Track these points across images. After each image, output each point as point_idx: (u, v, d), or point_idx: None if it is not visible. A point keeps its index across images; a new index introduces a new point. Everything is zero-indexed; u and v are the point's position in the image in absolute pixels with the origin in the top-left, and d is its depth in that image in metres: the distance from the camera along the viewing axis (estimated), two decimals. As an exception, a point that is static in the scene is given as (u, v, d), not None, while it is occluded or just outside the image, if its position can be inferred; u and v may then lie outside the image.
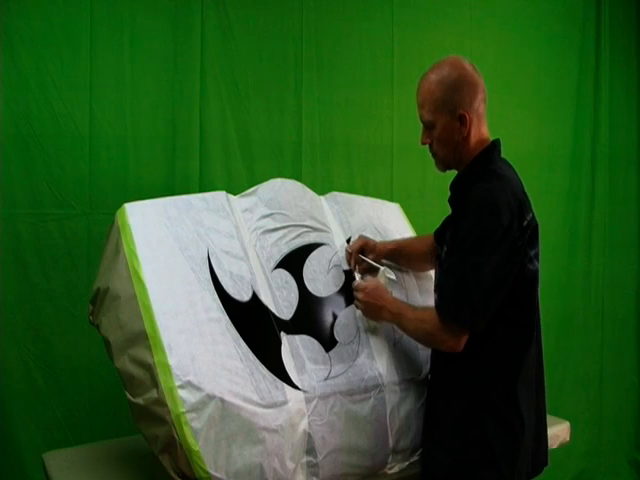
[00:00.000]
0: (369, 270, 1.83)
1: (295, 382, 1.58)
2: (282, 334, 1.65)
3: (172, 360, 1.44)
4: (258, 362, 1.55)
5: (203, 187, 2.38)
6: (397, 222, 2.14)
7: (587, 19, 3.25)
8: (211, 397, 1.43)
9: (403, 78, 2.77)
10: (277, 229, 1.82)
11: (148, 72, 2.33)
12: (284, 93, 2.57)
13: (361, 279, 1.80)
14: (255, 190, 1.89)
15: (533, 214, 1.57)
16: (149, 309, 1.51)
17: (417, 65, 2.75)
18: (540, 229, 1.59)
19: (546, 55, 3.14)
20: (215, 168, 2.45)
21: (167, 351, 1.45)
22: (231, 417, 1.44)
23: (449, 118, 1.57)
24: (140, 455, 1.80)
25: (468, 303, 1.48)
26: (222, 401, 1.44)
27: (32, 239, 2.20)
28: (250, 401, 1.48)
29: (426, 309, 1.63)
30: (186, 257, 1.63)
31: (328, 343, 1.70)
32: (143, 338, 1.48)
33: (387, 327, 1.79)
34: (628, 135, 3.40)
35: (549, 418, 1.75)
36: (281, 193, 1.89)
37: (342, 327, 1.74)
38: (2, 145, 2.15)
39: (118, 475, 1.71)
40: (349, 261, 1.86)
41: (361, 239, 1.87)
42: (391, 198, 2.65)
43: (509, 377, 1.55)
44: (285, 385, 1.56)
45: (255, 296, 1.67)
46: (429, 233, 1.85)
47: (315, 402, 1.57)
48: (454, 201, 1.67)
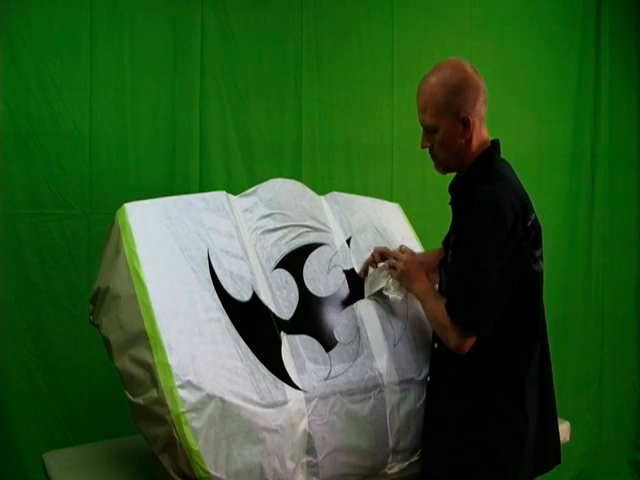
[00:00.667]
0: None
1: (295, 382, 1.58)
2: (282, 334, 1.65)
3: (172, 360, 1.44)
4: (258, 362, 1.55)
5: (203, 187, 2.38)
6: (397, 222, 2.14)
7: (587, 19, 3.25)
8: (211, 397, 1.43)
9: (403, 78, 2.77)
10: (277, 229, 1.82)
11: (148, 72, 2.33)
12: (284, 93, 2.57)
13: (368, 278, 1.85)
14: (255, 190, 1.89)
15: (536, 214, 1.57)
16: (149, 309, 1.51)
17: (417, 65, 2.76)
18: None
19: (546, 55, 3.15)
20: (215, 168, 2.45)
21: (167, 351, 1.45)
22: (231, 417, 1.44)
23: (452, 122, 1.56)
24: (140, 455, 1.80)
25: (477, 308, 1.48)
26: (222, 401, 1.44)
27: (32, 239, 2.20)
28: (250, 401, 1.48)
29: (442, 304, 1.58)
30: (186, 257, 1.63)
31: (328, 343, 1.70)
32: (143, 338, 1.48)
33: (387, 327, 1.79)
34: (628, 135, 3.40)
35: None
36: (281, 193, 1.89)
37: (342, 327, 1.74)
38: (2, 145, 2.15)
39: (118, 475, 1.71)
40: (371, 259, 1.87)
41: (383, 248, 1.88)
42: (391, 198, 2.65)
43: (514, 377, 1.54)
44: (285, 385, 1.56)
45: (255, 296, 1.67)
46: (440, 246, 1.84)
47: (315, 402, 1.57)
48: (455, 203, 1.67)
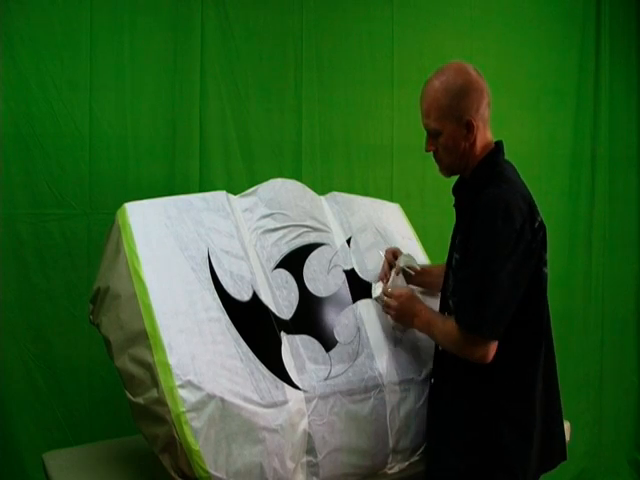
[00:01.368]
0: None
1: (295, 382, 1.58)
2: (282, 334, 1.65)
3: (172, 359, 1.44)
4: (258, 362, 1.55)
5: (203, 187, 2.38)
6: (397, 222, 2.14)
7: (587, 19, 3.24)
8: (211, 397, 1.43)
9: (403, 78, 2.77)
10: (277, 229, 1.82)
11: (148, 72, 2.34)
12: (284, 93, 2.57)
13: (388, 283, 1.79)
14: (255, 190, 1.89)
15: (541, 216, 1.55)
16: (149, 308, 1.51)
17: (417, 65, 2.76)
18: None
19: (546, 55, 3.14)
20: (215, 168, 2.45)
21: (167, 350, 1.45)
22: (231, 417, 1.44)
23: (455, 125, 1.55)
24: (140, 455, 1.79)
25: (489, 314, 1.45)
26: (222, 401, 1.44)
27: (32, 239, 2.20)
28: (250, 401, 1.48)
29: (451, 322, 1.54)
30: (186, 257, 1.63)
31: (328, 343, 1.70)
32: (143, 337, 1.48)
33: (387, 327, 1.79)
34: (628, 135, 3.40)
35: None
36: (281, 193, 1.89)
37: (342, 327, 1.74)
38: (2, 145, 2.15)
39: (118, 475, 1.71)
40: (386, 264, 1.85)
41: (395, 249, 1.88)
42: (391, 198, 2.65)
43: (520, 378, 1.53)
44: (285, 385, 1.56)
45: (255, 296, 1.67)
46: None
47: (315, 402, 1.57)
48: (460, 206, 1.65)
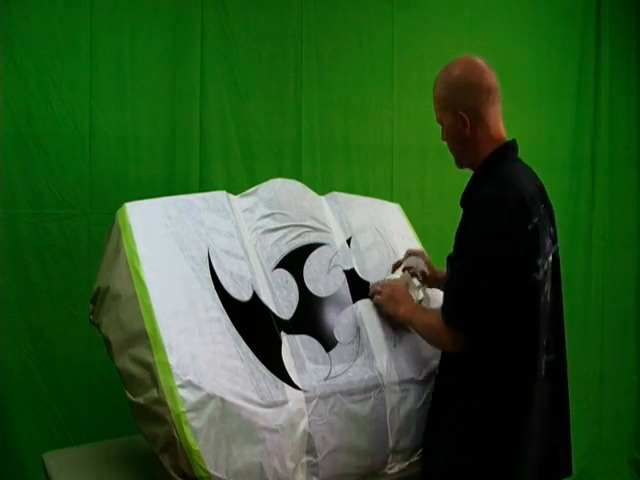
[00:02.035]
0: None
1: (295, 382, 1.58)
2: (282, 334, 1.65)
3: (172, 359, 1.44)
4: (258, 362, 1.55)
5: (203, 187, 2.38)
6: (397, 222, 2.14)
7: (587, 19, 3.24)
8: (211, 396, 1.43)
9: (403, 78, 2.77)
10: (277, 229, 1.82)
11: (148, 72, 2.34)
12: (284, 93, 2.57)
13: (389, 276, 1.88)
14: (255, 190, 1.89)
15: (540, 218, 1.51)
16: (149, 308, 1.51)
17: (417, 65, 2.76)
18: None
19: (546, 55, 3.14)
20: (215, 168, 2.45)
21: (167, 350, 1.45)
22: (231, 417, 1.44)
23: (452, 118, 1.58)
24: (140, 455, 1.79)
25: (464, 309, 1.50)
26: (222, 400, 1.44)
27: (32, 239, 2.20)
28: (250, 401, 1.48)
29: (433, 312, 1.64)
30: (186, 257, 1.63)
31: (328, 343, 1.70)
32: (143, 337, 1.48)
33: (387, 327, 1.79)
34: (628, 135, 3.40)
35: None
36: (281, 193, 1.89)
37: (342, 327, 1.74)
38: (2, 145, 2.15)
39: (118, 475, 1.71)
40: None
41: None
42: (391, 198, 2.65)
43: (513, 385, 1.52)
44: (285, 385, 1.56)
45: (255, 296, 1.67)
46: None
47: (315, 402, 1.57)
48: (461, 203, 1.67)
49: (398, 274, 1.86)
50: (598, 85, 3.28)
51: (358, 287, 1.85)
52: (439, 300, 1.88)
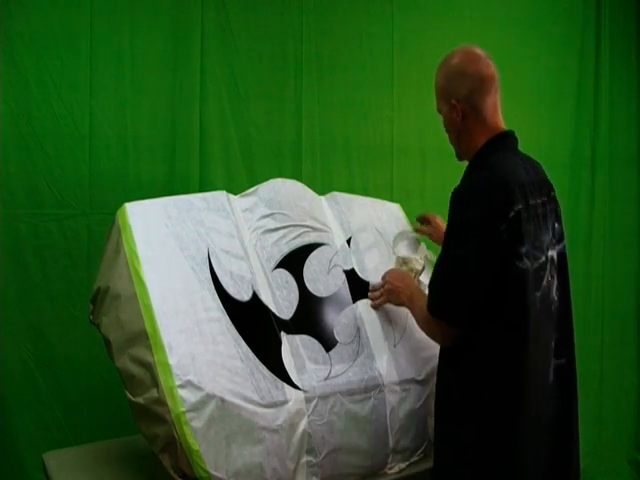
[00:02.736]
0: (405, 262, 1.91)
1: (295, 382, 1.58)
2: (282, 334, 1.65)
3: (172, 359, 1.44)
4: (258, 362, 1.56)
5: (203, 187, 2.38)
6: (397, 222, 2.14)
7: (587, 19, 3.24)
8: (211, 396, 1.43)
9: (403, 78, 2.77)
10: (277, 229, 1.82)
11: (148, 72, 2.33)
12: (284, 93, 2.57)
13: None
14: (255, 190, 1.89)
15: (524, 205, 1.46)
16: (149, 308, 1.51)
17: (417, 65, 2.76)
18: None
19: (546, 55, 3.14)
20: (215, 168, 2.45)
21: (167, 350, 1.45)
22: (231, 417, 1.44)
23: (447, 107, 1.58)
24: (140, 455, 1.80)
25: (444, 299, 1.48)
26: (222, 401, 1.44)
27: (32, 239, 2.20)
28: (250, 401, 1.48)
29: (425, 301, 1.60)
30: (186, 257, 1.63)
31: (328, 343, 1.70)
32: (143, 337, 1.48)
33: (388, 327, 1.79)
34: (628, 135, 3.40)
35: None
36: (281, 193, 1.89)
37: (342, 327, 1.74)
38: (2, 145, 2.15)
39: (118, 475, 1.71)
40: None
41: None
42: (391, 198, 2.65)
43: (502, 380, 1.45)
44: (285, 385, 1.56)
45: (255, 296, 1.67)
46: None
47: (315, 402, 1.58)
48: None
49: (392, 263, 1.91)
50: (598, 85, 3.28)
51: (358, 287, 1.85)
52: None
